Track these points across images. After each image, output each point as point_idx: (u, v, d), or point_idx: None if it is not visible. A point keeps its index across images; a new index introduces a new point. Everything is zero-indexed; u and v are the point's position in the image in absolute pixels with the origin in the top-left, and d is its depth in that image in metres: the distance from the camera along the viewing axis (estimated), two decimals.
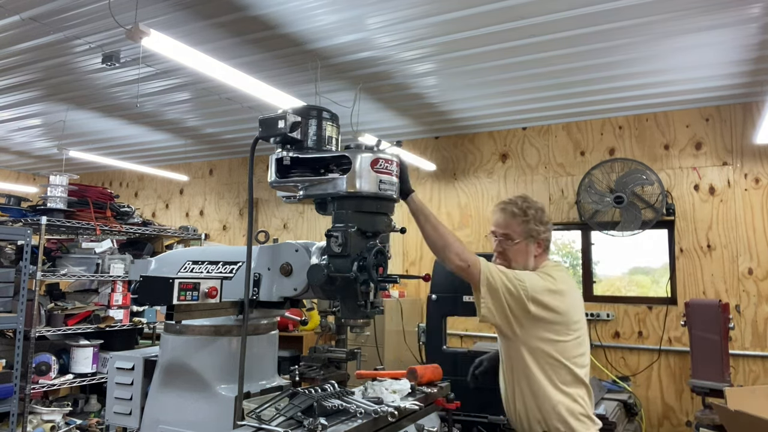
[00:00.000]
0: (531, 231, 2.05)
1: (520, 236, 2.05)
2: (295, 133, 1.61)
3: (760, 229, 4.52)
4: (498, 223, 2.11)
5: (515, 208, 2.07)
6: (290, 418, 1.52)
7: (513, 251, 2.05)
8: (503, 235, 2.08)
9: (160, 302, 1.49)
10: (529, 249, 2.06)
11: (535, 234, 2.05)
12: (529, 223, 2.05)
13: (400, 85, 4.50)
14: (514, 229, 2.06)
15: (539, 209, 2.09)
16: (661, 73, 4.14)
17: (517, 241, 2.05)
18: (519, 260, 2.05)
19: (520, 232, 2.05)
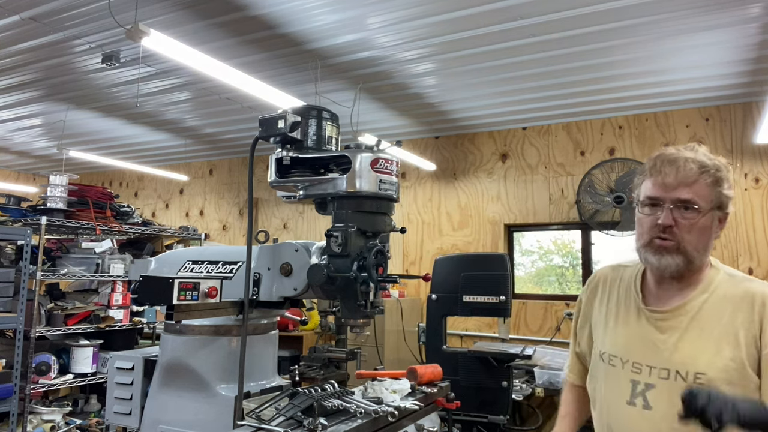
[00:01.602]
0: (722, 198, 1.36)
1: (708, 204, 1.34)
2: (295, 133, 1.61)
3: (760, 229, 4.52)
4: (679, 182, 1.34)
5: (706, 159, 1.36)
6: (290, 418, 1.52)
7: (698, 229, 1.34)
8: (685, 202, 1.33)
9: (160, 302, 1.49)
10: (713, 227, 1.37)
11: (725, 204, 1.37)
12: (721, 184, 1.35)
13: (400, 85, 4.50)
14: (701, 193, 1.34)
15: (728, 168, 1.41)
16: (661, 73, 4.14)
17: (704, 210, 1.34)
18: (700, 244, 1.36)
19: (708, 197, 1.34)
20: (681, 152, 1.38)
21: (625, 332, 1.47)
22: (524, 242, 5.77)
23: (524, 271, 5.73)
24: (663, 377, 1.35)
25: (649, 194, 1.39)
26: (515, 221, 5.50)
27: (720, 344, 1.30)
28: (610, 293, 1.57)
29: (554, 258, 5.63)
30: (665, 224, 1.35)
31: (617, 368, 1.44)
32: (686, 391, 1.14)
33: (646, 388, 1.37)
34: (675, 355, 1.35)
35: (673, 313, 1.39)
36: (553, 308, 5.19)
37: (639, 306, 1.46)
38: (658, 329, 1.40)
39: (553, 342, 5.06)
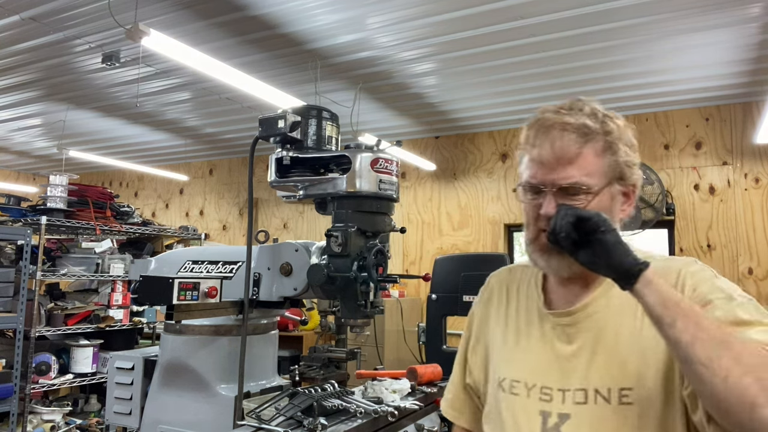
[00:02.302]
0: (620, 167, 1.03)
1: (601, 180, 1.01)
2: (295, 133, 1.61)
3: (760, 228, 4.52)
4: (557, 159, 1.00)
5: (590, 120, 1.02)
6: (290, 417, 1.52)
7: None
8: (569, 187, 0.99)
9: (160, 302, 1.49)
10: (615, 206, 1.04)
11: (626, 174, 1.04)
12: (615, 149, 1.03)
13: (399, 85, 4.50)
14: (589, 168, 1.00)
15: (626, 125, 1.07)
16: (661, 73, 4.14)
17: (596, 190, 1.00)
18: None
19: (599, 170, 1.01)
20: (559, 116, 1.02)
21: (528, 347, 1.09)
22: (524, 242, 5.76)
23: None
24: (579, 401, 0.99)
25: (528, 177, 1.05)
26: (515, 221, 5.49)
27: (643, 344, 0.97)
28: (508, 301, 1.18)
29: None
30: (547, 215, 1.00)
31: (521, 397, 1.06)
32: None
33: (561, 420, 1.00)
34: (591, 370, 0.99)
35: (579, 314, 1.04)
36: None
37: (541, 310, 1.10)
38: (565, 338, 1.04)
39: None
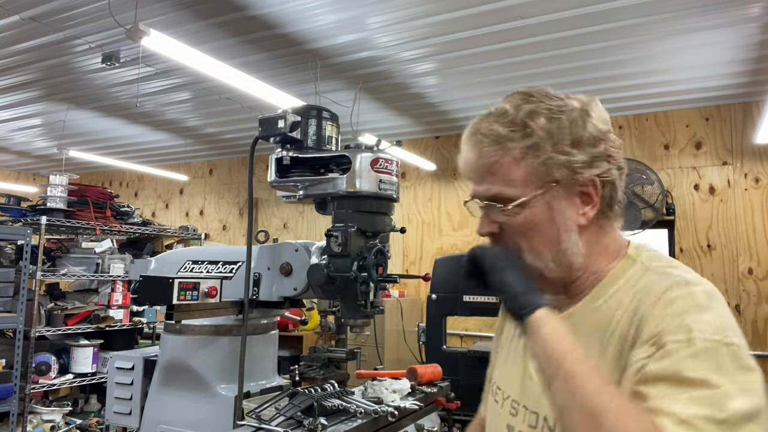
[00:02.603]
0: (551, 169, 0.86)
1: (530, 187, 0.87)
2: (294, 133, 1.61)
3: (760, 228, 4.52)
4: (478, 170, 0.91)
5: (500, 125, 0.89)
6: (290, 417, 1.52)
7: (528, 227, 0.89)
8: (491, 199, 0.90)
9: (160, 302, 1.49)
10: (561, 211, 0.87)
11: (570, 174, 0.86)
12: (541, 149, 0.86)
13: (399, 85, 4.50)
14: (510, 176, 0.88)
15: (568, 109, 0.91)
16: (661, 73, 4.14)
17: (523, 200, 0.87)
18: (543, 245, 0.89)
19: (525, 177, 0.87)
20: (479, 121, 0.91)
21: (513, 356, 1.02)
22: None
23: None
24: (532, 425, 0.90)
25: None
26: None
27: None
28: None
29: None
30: (481, 233, 0.92)
31: (498, 405, 1.00)
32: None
33: None
34: (545, 395, 0.85)
35: None
36: None
37: None
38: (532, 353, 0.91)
39: None
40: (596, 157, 0.87)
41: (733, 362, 0.72)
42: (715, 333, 0.74)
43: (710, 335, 0.74)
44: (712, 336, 0.74)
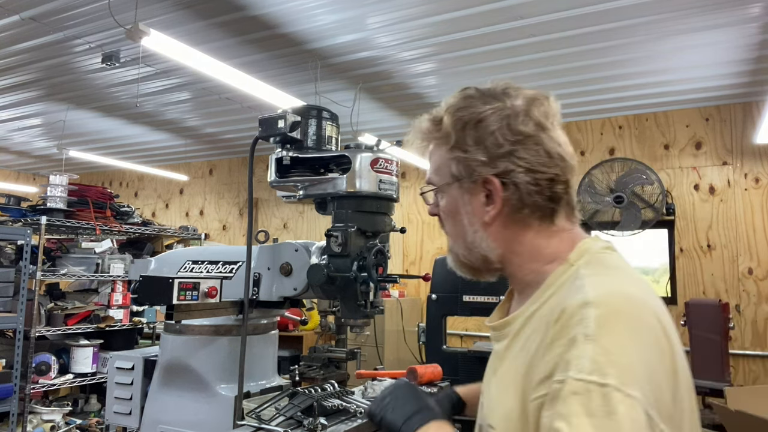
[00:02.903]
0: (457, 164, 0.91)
1: (444, 177, 0.94)
2: (294, 133, 1.61)
3: (760, 228, 4.52)
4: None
5: (429, 120, 0.96)
6: (290, 417, 1.52)
7: (445, 214, 0.97)
8: (427, 183, 1.00)
9: (159, 302, 1.49)
10: (464, 204, 0.92)
11: (466, 171, 0.90)
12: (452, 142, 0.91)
13: (399, 85, 4.50)
14: (433, 166, 0.96)
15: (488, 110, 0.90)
16: (661, 73, 4.14)
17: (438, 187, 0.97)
18: (456, 233, 0.96)
19: (442, 168, 0.94)
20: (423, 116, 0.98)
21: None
22: None
23: None
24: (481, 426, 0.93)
25: None
26: None
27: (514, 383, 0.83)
28: None
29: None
30: (429, 213, 1.02)
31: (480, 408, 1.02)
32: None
33: None
34: (485, 398, 0.93)
35: (498, 332, 0.94)
36: None
37: None
38: (493, 355, 0.96)
39: None
40: (497, 158, 0.87)
41: (603, 407, 0.66)
42: (592, 372, 0.67)
43: (586, 375, 0.68)
44: (588, 376, 0.67)
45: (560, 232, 0.89)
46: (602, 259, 0.85)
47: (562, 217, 0.90)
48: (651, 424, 0.65)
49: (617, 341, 0.69)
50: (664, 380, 0.71)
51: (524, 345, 0.84)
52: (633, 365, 0.68)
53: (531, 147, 0.87)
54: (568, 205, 0.90)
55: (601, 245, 0.88)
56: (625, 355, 0.68)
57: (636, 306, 0.74)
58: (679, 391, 0.72)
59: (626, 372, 0.67)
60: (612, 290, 0.76)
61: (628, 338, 0.70)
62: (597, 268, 0.83)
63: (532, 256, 0.90)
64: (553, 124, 0.91)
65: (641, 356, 0.69)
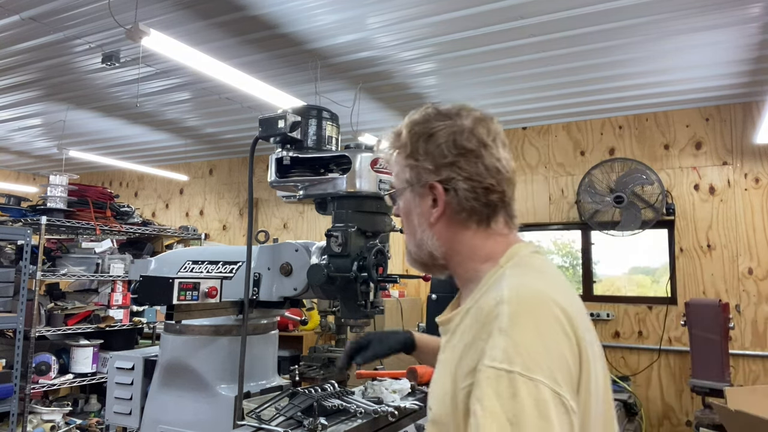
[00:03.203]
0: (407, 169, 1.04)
1: (401, 183, 1.07)
2: (295, 133, 1.61)
3: (760, 228, 4.52)
4: None
5: (392, 134, 1.09)
6: (290, 417, 1.52)
7: (402, 214, 1.11)
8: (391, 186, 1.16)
9: (160, 302, 1.49)
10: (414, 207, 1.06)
11: (416, 177, 1.03)
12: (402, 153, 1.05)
13: (399, 85, 4.50)
14: (394, 171, 1.09)
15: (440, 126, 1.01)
16: (661, 73, 4.14)
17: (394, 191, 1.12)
18: (409, 233, 1.10)
19: (400, 174, 1.07)
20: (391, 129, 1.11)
21: None
22: None
23: None
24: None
25: None
26: None
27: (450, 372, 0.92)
28: None
29: (554, 258, 5.63)
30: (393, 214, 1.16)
31: None
32: None
33: None
34: (431, 382, 1.03)
35: (444, 327, 1.04)
36: None
37: None
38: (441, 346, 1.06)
39: None
40: (441, 167, 0.99)
41: (508, 389, 0.76)
42: (503, 361, 0.78)
43: (498, 363, 0.78)
44: (499, 364, 0.78)
45: (496, 235, 1.02)
46: (527, 262, 0.97)
47: (500, 223, 1.02)
48: (560, 400, 0.76)
49: (524, 333, 0.80)
50: (572, 364, 0.81)
51: (460, 338, 0.94)
52: (537, 353, 0.79)
53: (471, 160, 0.99)
54: (506, 213, 1.03)
55: (530, 250, 1.01)
56: (531, 345, 0.79)
57: (543, 302, 0.85)
58: (583, 379, 0.82)
59: (531, 359, 0.78)
60: (524, 289, 0.87)
61: (534, 330, 0.81)
62: (520, 270, 0.94)
63: (469, 255, 1.02)
64: (495, 142, 1.01)
65: (546, 345, 0.80)
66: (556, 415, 0.75)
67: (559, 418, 0.76)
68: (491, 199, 1.00)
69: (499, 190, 1.00)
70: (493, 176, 0.99)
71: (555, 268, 1.00)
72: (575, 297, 0.93)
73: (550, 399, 0.76)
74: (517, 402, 0.75)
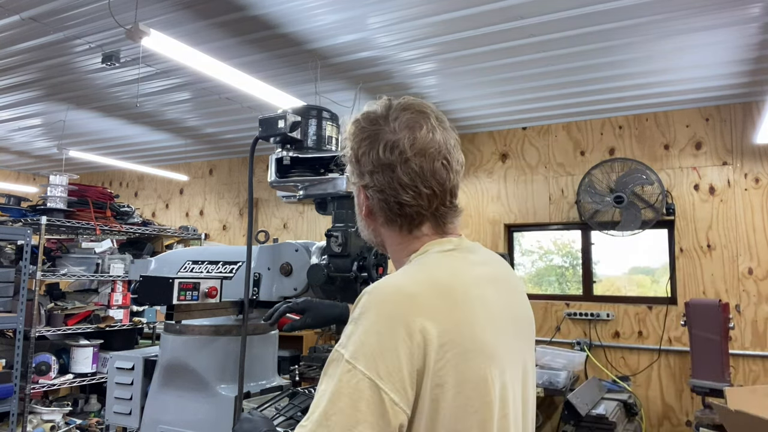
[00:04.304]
0: (351, 166, 1.09)
1: (352, 178, 1.11)
2: (295, 133, 1.61)
3: (760, 228, 4.52)
4: None
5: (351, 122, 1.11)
6: (290, 417, 1.52)
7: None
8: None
9: (160, 302, 1.49)
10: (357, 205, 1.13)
11: (352, 173, 1.09)
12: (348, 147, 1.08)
13: (400, 85, 4.50)
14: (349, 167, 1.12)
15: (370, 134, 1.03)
16: (661, 73, 4.14)
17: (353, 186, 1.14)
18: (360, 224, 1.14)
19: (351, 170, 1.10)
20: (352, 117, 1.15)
21: None
22: (524, 242, 5.77)
23: (524, 271, 5.73)
24: None
25: None
26: (515, 221, 5.50)
27: None
28: None
29: (554, 258, 5.63)
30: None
31: None
32: None
33: None
34: None
35: None
36: (553, 308, 5.19)
37: None
38: None
39: (553, 342, 5.06)
40: (363, 174, 1.04)
41: (334, 370, 0.85)
42: (341, 346, 0.87)
43: (339, 347, 0.87)
44: (339, 348, 0.87)
45: (422, 236, 1.04)
46: (426, 259, 1.00)
47: (423, 229, 1.04)
48: (378, 392, 0.81)
49: (365, 324, 0.86)
50: (406, 361, 0.83)
51: None
52: (367, 345, 0.84)
53: (387, 174, 1.00)
54: (434, 221, 1.04)
55: (441, 248, 1.01)
56: (364, 335, 0.85)
57: (392, 299, 0.88)
58: (432, 378, 0.85)
59: (358, 348, 0.84)
60: (384, 284, 0.92)
61: (373, 324, 0.86)
62: (413, 266, 0.99)
63: (398, 251, 1.07)
64: (421, 154, 1.00)
65: (380, 339, 0.84)
66: (367, 405, 0.81)
67: (370, 408, 0.81)
68: (406, 211, 1.01)
69: (414, 204, 1.00)
70: (408, 192, 0.99)
71: (460, 266, 1.00)
72: (466, 298, 0.94)
73: (366, 388, 0.81)
74: (334, 381, 0.83)
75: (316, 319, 1.52)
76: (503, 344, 0.95)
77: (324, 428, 0.80)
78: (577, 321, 5.06)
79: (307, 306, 1.53)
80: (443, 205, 1.03)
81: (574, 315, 5.06)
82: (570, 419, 3.81)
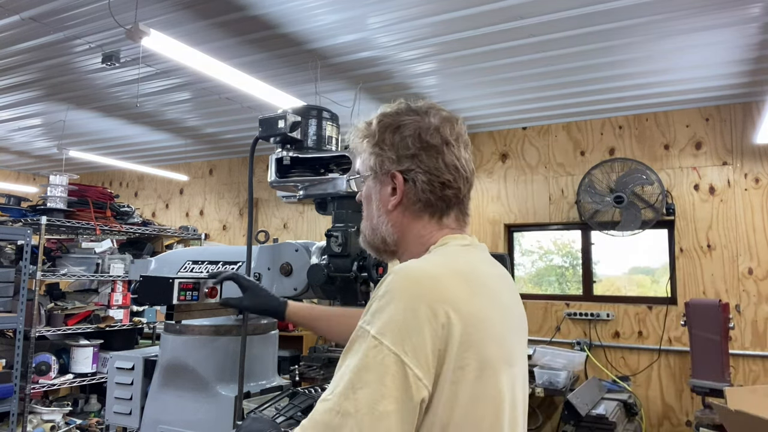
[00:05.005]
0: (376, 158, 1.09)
1: (365, 169, 1.13)
2: (295, 133, 1.61)
3: (760, 229, 4.52)
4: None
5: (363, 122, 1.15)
6: (290, 417, 1.52)
7: (363, 199, 1.16)
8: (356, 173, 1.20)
9: (160, 302, 1.49)
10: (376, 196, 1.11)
11: (380, 165, 1.08)
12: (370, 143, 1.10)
13: (400, 85, 4.50)
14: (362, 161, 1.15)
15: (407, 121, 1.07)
16: (661, 73, 4.14)
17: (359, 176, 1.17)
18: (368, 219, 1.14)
19: (367, 162, 1.12)
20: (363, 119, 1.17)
21: None
22: (524, 242, 5.77)
23: (524, 271, 5.73)
24: None
25: None
26: (515, 221, 5.50)
27: None
28: None
29: (554, 258, 5.63)
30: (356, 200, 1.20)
31: None
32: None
33: None
34: None
35: None
36: (553, 308, 5.19)
37: None
38: None
39: (553, 342, 5.06)
40: (404, 158, 1.05)
41: (360, 345, 0.87)
42: (367, 323, 0.88)
43: (364, 324, 0.89)
44: (364, 325, 0.88)
45: (444, 228, 1.07)
46: (447, 250, 1.03)
47: (451, 218, 1.08)
48: (403, 367, 0.83)
49: (391, 303, 0.87)
50: (431, 342, 0.85)
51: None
52: (394, 322, 0.85)
53: (432, 155, 1.05)
54: (459, 210, 1.08)
55: (459, 242, 1.05)
56: (391, 312, 0.86)
57: (420, 281, 0.90)
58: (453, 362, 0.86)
59: (385, 325, 0.85)
60: (411, 266, 0.94)
61: (399, 302, 0.87)
62: (435, 254, 1.02)
63: (416, 241, 1.08)
64: (458, 141, 1.07)
65: (406, 317, 0.85)
66: (392, 380, 0.82)
67: (395, 383, 0.82)
68: (446, 194, 1.05)
69: (455, 186, 1.05)
70: (451, 173, 1.05)
71: (478, 260, 1.04)
72: (484, 289, 0.98)
73: (392, 364, 0.83)
74: (360, 355, 0.85)
75: (252, 303, 1.52)
76: (512, 338, 0.99)
77: (350, 401, 0.81)
78: (577, 321, 5.06)
79: (251, 287, 1.52)
80: (467, 194, 1.09)
81: (574, 315, 5.06)
82: (570, 419, 3.81)
